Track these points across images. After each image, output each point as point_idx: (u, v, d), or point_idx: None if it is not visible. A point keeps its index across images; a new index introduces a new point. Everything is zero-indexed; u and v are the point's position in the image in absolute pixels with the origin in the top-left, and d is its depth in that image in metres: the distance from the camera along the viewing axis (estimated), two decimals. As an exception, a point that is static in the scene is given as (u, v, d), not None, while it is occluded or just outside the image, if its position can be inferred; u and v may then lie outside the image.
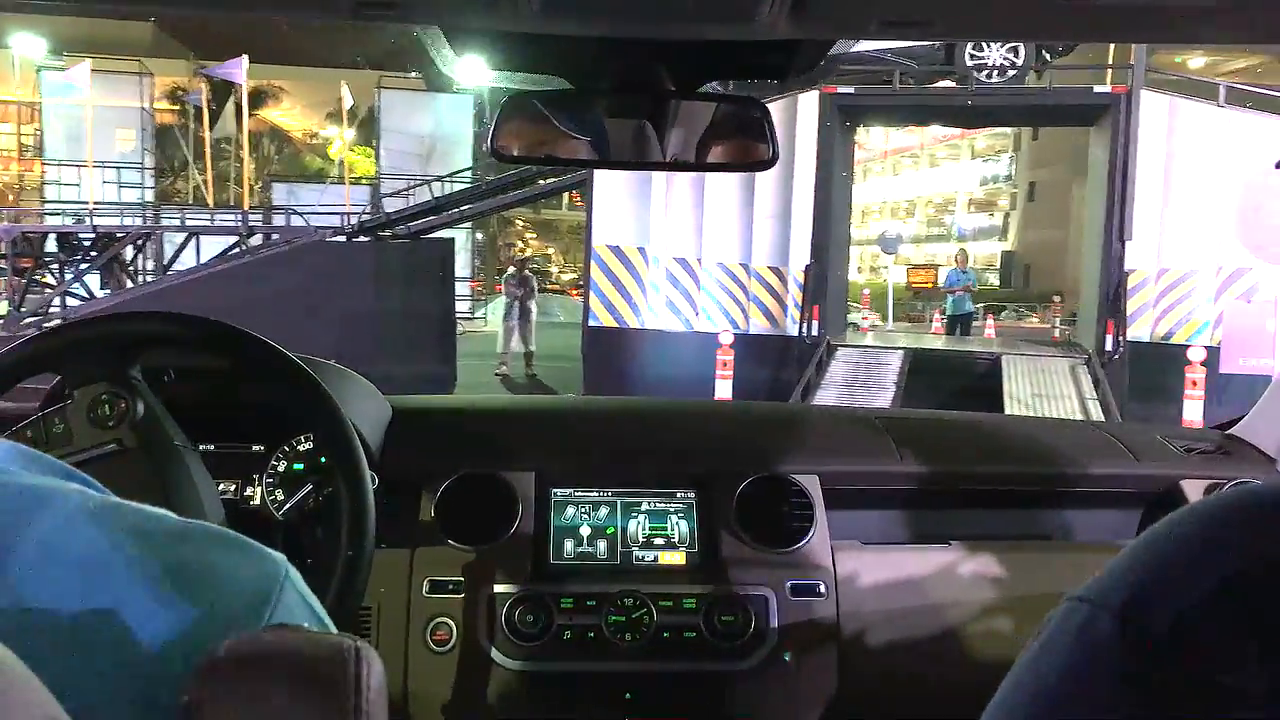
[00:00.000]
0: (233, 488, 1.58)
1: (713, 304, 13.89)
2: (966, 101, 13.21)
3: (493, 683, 1.58)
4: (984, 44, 12.41)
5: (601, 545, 1.70)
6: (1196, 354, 9.75)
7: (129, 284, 19.07)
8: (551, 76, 1.26)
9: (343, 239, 17.48)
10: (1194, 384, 9.78)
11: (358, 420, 1.43)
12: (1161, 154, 12.30)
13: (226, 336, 1.32)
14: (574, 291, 30.33)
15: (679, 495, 1.75)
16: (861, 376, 12.61)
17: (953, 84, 13.39)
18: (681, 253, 13.92)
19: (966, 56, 12.72)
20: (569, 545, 1.70)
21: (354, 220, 18.45)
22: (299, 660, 0.56)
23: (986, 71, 12.77)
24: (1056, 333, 19.72)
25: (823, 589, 1.67)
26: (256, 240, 18.51)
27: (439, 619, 1.60)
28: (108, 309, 12.72)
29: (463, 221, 19.29)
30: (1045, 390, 11.70)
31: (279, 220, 20.57)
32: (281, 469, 1.59)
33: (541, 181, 17.61)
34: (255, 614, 0.62)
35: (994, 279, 35.19)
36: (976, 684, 0.71)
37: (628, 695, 1.61)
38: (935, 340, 16.11)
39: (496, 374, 15.35)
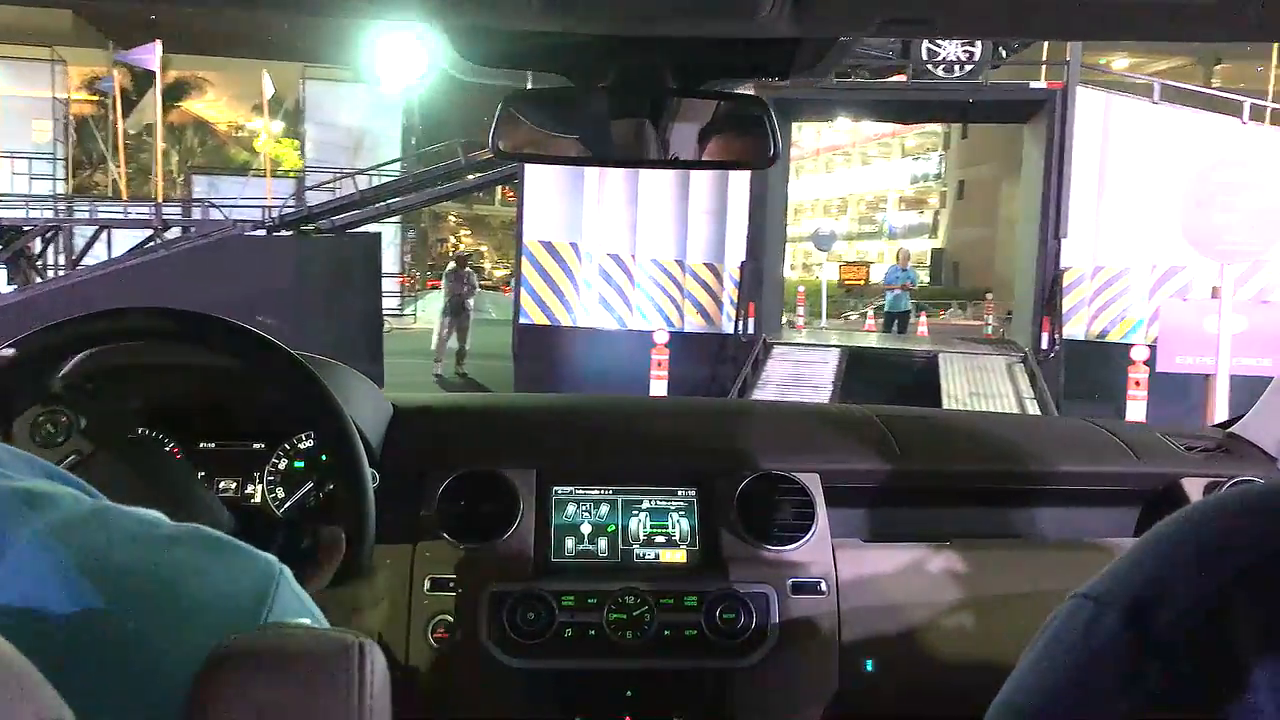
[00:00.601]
0: (233, 486, 1.60)
1: (647, 301, 13.61)
2: (904, 97, 13.08)
3: (494, 680, 1.58)
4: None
5: (602, 543, 1.71)
6: (1140, 353, 9.64)
7: (37, 279, 18.23)
8: (552, 74, 1.26)
9: (262, 233, 16.88)
10: (1137, 384, 9.68)
11: (358, 418, 1.42)
12: (1096, 151, 12.26)
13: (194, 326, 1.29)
14: (506, 288, 29.99)
15: (680, 493, 1.75)
16: (799, 375, 12.45)
17: (904, 77, 13.20)
18: (615, 249, 13.63)
19: (924, 50, 12.53)
20: (570, 543, 1.70)
21: (275, 214, 17.84)
22: (302, 657, 0.56)
23: (945, 66, 12.58)
24: (989, 330, 19.77)
25: (823, 587, 1.67)
26: (175, 234, 17.83)
27: (440, 616, 1.60)
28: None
29: (389, 216, 18.73)
30: (982, 389, 11.60)
31: (197, 213, 19.84)
32: (282, 467, 1.60)
33: (471, 176, 17.15)
34: (252, 615, 0.62)
35: (924, 276, 35.51)
36: (977, 681, 0.70)
37: (628, 693, 1.62)
38: (872, 338, 16.03)
39: (435, 375, 14.86)
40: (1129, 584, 0.58)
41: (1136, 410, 9.52)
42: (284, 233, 16.93)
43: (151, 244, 17.62)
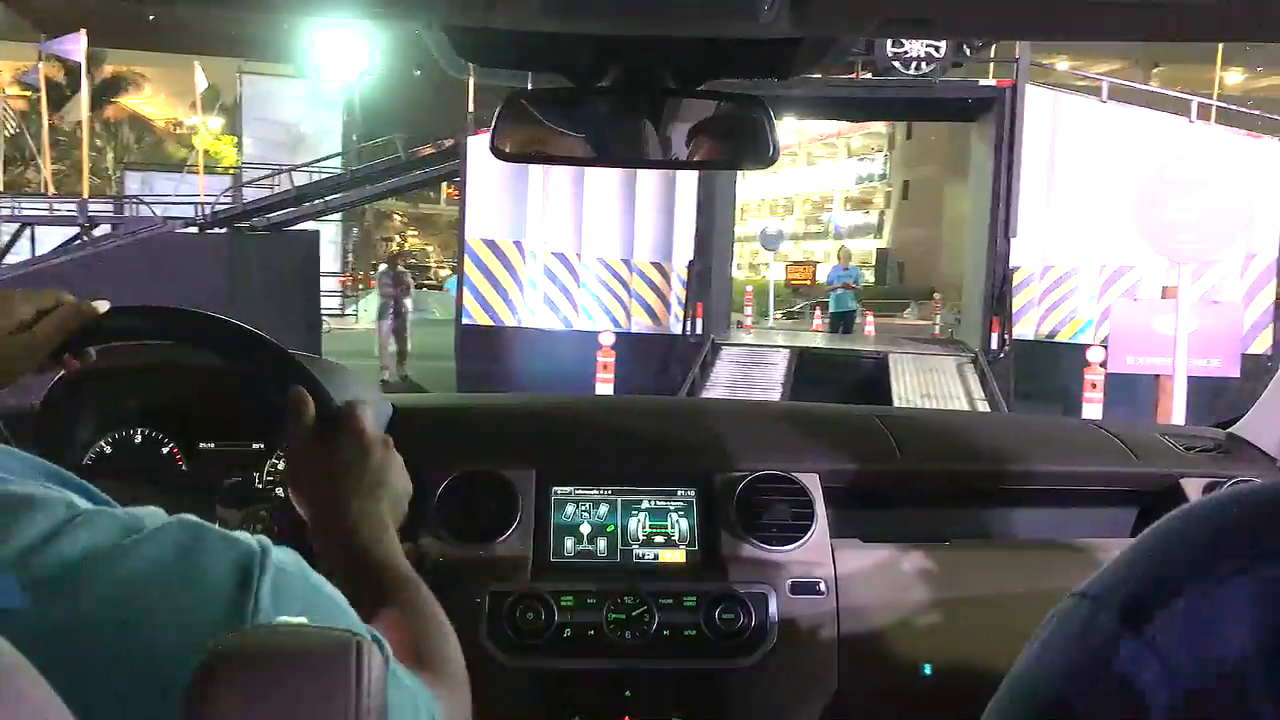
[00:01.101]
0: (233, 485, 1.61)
1: (593, 301, 13.35)
2: (855, 95, 12.92)
3: (493, 681, 1.55)
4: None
5: (602, 543, 1.70)
6: (1096, 354, 9.51)
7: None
8: (552, 74, 1.27)
9: (194, 230, 16.33)
10: (1093, 385, 9.58)
11: None
12: (1045, 150, 12.19)
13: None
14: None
15: (679, 493, 1.74)
16: (747, 377, 12.27)
17: (855, 75, 13.03)
18: (560, 247, 13.35)
19: (888, 47, 12.34)
20: (569, 543, 1.70)
21: (209, 211, 17.27)
22: (298, 657, 0.55)
23: (908, 63, 12.39)
24: (937, 329, 19.75)
25: (823, 587, 1.67)
26: (104, 232, 17.19)
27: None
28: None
29: (327, 213, 18.19)
30: (933, 390, 11.47)
31: (130, 210, 19.18)
32: (281, 466, 1.57)
33: (413, 173, 16.72)
34: (236, 602, 0.62)
35: (869, 275, 35.74)
36: (976, 681, 0.72)
37: (627, 693, 1.62)
38: (821, 339, 15.87)
39: (383, 380, 14.37)
40: (1125, 583, 0.58)
41: (1092, 412, 9.41)
42: (217, 230, 16.38)
43: (78, 242, 16.95)
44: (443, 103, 14.15)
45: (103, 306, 1.09)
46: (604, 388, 10.84)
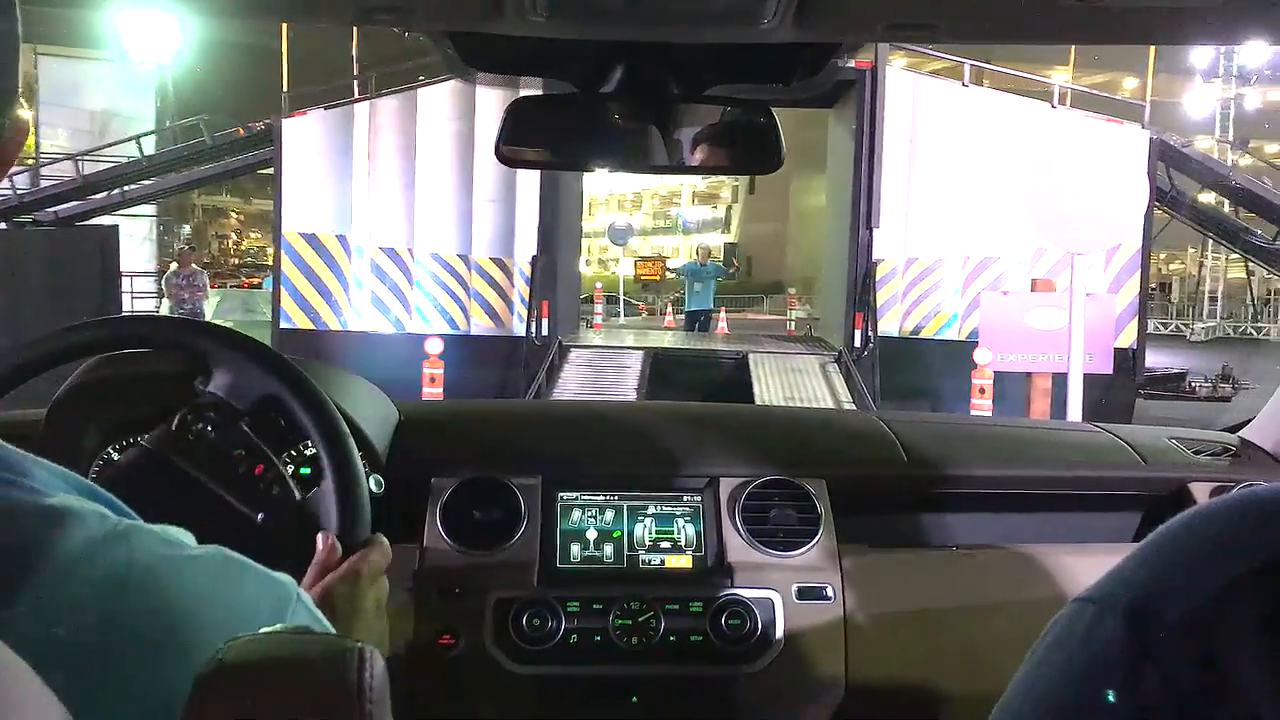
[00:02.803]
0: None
1: (427, 302, 12.14)
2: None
3: (499, 687, 1.60)
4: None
5: (608, 549, 1.71)
6: (983, 355, 8.87)
7: None
8: (557, 80, 1.32)
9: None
10: (981, 391, 8.96)
11: (363, 424, 1.46)
12: (906, 136, 11.59)
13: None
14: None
15: (685, 499, 1.75)
16: (599, 381, 11.32)
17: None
18: (390, 242, 12.11)
19: None
20: (575, 549, 1.71)
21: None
22: (299, 664, 0.56)
23: None
24: (792, 326, 19.20)
25: (829, 592, 1.67)
26: None
27: (445, 623, 1.60)
28: None
29: (125, 205, 16.26)
30: (797, 392, 10.73)
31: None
32: (289, 473, 1.49)
33: (223, 160, 15.06)
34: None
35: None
36: (983, 687, 0.69)
37: (634, 699, 1.63)
38: (677, 338, 15.02)
39: None
40: (1130, 587, 0.57)
41: (979, 419, 8.80)
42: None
43: None
44: (276, 83, 12.64)
45: None
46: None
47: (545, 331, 11.72)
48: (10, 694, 0.46)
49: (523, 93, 1.34)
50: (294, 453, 1.55)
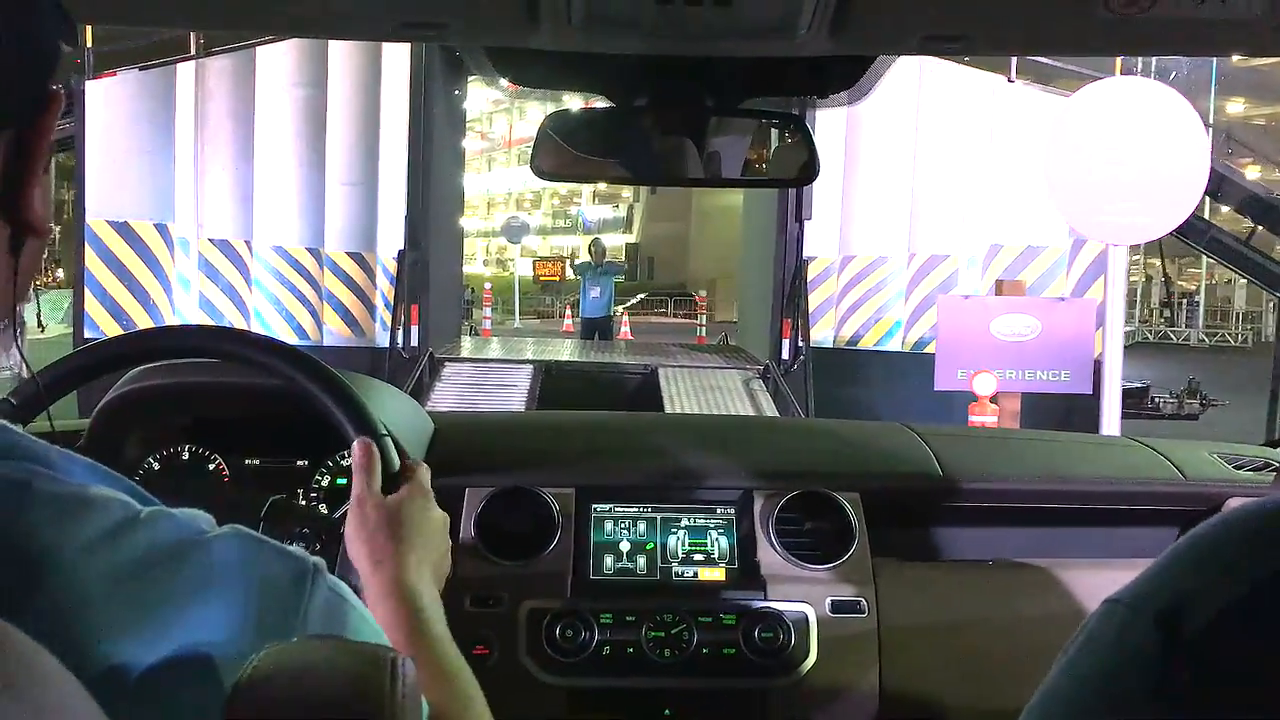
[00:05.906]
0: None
1: (269, 305, 10.09)
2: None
3: (532, 698, 1.60)
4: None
5: (641, 561, 1.72)
6: (984, 384, 7.18)
7: None
8: (592, 94, 1.35)
9: None
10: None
11: (398, 434, 1.41)
12: (841, 114, 9.90)
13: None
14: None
15: (718, 511, 1.76)
16: (478, 400, 9.40)
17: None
18: (222, 233, 10.01)
19: None
20: (609, 561, 1.71)
21: None
22: (333, 671, 0.56)
23: None
24: (703, 333, 17.47)
25: (863, 606, 1.67)
26: None
27: (479, 634, 1.61)
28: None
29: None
30: (718, 413, 8.92)
31: None
32: (325, 483, 1.62)
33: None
34: (292, 596, 0.65)
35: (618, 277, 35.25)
36: (1019, 703, 0.72)
37: (666, 711, 1.64)
38: (572, 348, 13.13)
39: None
40: (1161, 589, 0.58)
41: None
42: None
43: None
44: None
45: None
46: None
47: (415, 341, 9.81)
48: (38, 687, 0.46)
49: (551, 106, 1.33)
50: (330, 463, 1.63)
